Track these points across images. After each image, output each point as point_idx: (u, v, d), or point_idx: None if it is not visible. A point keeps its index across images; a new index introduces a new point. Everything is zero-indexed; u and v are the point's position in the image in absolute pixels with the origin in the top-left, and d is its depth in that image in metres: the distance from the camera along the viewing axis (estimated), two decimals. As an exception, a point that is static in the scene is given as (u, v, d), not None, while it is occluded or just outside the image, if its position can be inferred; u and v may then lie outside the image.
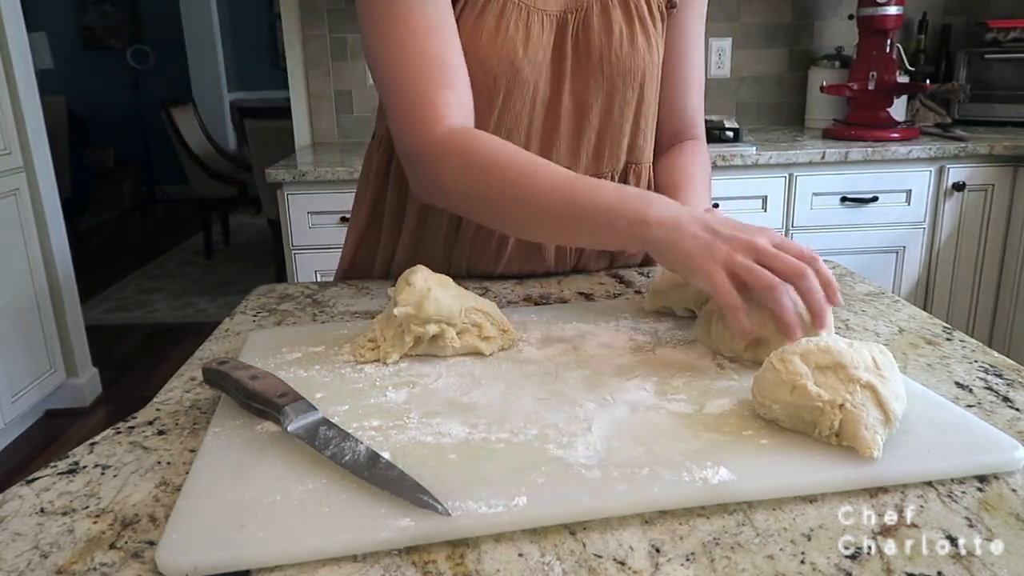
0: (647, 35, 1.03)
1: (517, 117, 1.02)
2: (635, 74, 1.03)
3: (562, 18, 1.00)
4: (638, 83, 1.04)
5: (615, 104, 1.04)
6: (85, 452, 0.65)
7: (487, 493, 0.54)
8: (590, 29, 1.00)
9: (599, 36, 1.00)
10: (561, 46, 1.01)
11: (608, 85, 1.02)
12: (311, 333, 0.87)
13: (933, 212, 2.41)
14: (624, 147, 1.08)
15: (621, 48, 1.01)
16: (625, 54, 1.01)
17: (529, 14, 0.98)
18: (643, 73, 1.04)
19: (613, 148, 1.07)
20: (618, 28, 1.01)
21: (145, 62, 7.00)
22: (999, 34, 2.69)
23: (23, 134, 2.78)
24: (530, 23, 0.98)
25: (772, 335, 0.72)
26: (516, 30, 0.97)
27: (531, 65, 0.99)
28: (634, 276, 1.10)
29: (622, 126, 1.06)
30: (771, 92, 2.94)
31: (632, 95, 1.04)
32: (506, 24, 0.97)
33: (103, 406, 3.11)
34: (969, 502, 0.54)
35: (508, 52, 0.97)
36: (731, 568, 0.48)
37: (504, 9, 0.97)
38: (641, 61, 1.03)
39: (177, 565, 0.49)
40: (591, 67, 1.01)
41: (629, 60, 1.02)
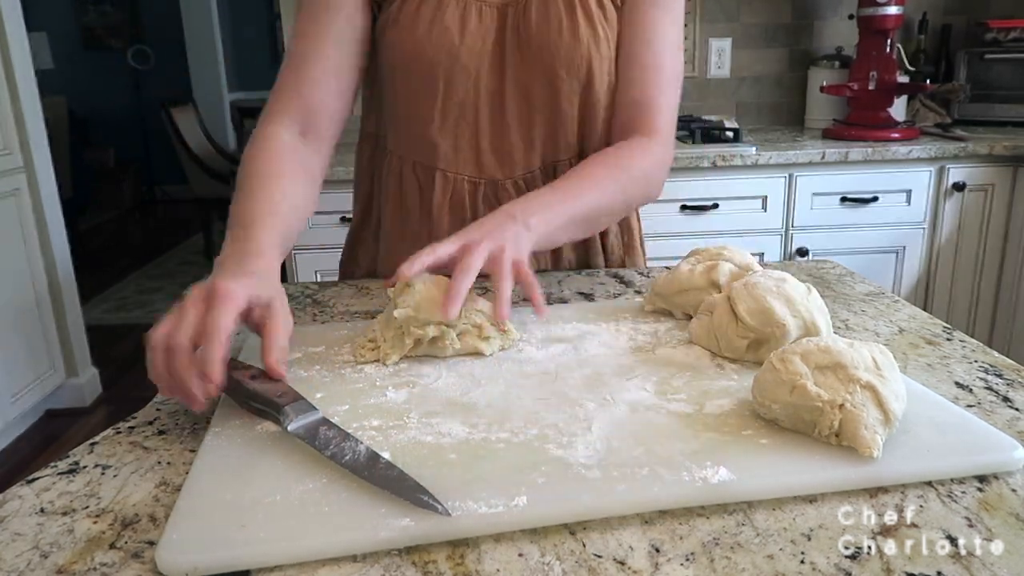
0: (591, 23, 1.02)
1: (461, 107, 1.03)
2: (578, 65, 1.02)
3: (502, 10, 1.02)
4: (583, 74, 1.03)
5: (561, 95, 1.03)
6: (85, 452, 0.65)
7: (487, 493, 0.54)
8: (529, 20, 1.01)
9: (538, 27, 1.00)
10: (502, 37, 1.02)
11: (551, 75, 1.02)
12: (311, 333, 0.87)
13: (933, 212, 2.41)
14: (576, 135, 1.07)
15: (561, 39, 1.00)
16: (567, 45, 1.00)
17: (467, 6, 1.00)
18: (588, 64, 1.02)
19: (567, 137, 1.07)
20: (557, 18, 1.00)
21: (145, 62, 7.00)
22: (999, 34, 2.69)
23: (23, 134, 2.78)
24: (467, 14, 1.00)
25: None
26: (453, 20, 1.00)
27: (469, 54, 1.00)
28: (634, 276, 1.10)
29: (572, 115, 1.05)
30: (771, 92, 2.94)
31: (578, 85, 1.03)
32: (441, 15, 0.99)
33: (103, 406, 3.11)
34: (969, 502, 0.54)
35: (446, 41, 0.99)
36: (731, 568, 0.48)
37: (441, 2, 1.00)
38: (585, 51, 1.01)
39: (177, 565, 0.49)
40: (532, 59, 1.02)
41: (572, 51, 1.01)
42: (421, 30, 0.99)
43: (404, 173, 1.09)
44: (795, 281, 0.77)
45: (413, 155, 1.08)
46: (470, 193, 1.07)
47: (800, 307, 0.74)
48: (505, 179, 1.07)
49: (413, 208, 1.10)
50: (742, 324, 0.75)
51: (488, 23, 1.01)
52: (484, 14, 1.01)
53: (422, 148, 1.06)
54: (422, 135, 1.05)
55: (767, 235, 2.38)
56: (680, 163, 2.25)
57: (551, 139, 1.07)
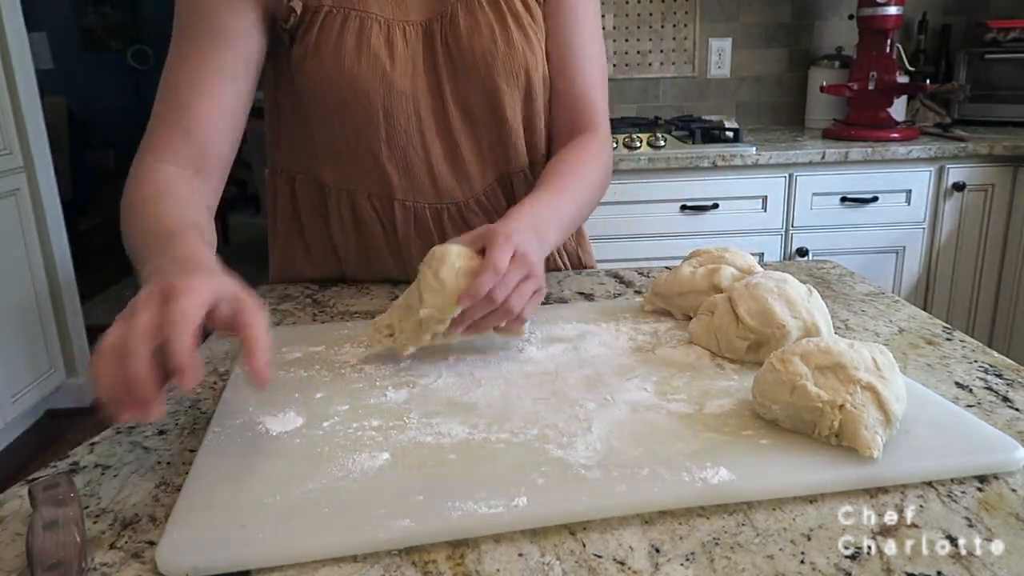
0: (523, 31, 0.98)
1: (407, 133, 0.98)
2: (516, 73, 0.99)
3: (427, 26, 0.97)
4: (522, 82, 1.00)
5: (503, 105, 1.00)
6: (85, 452, 0.65)
7: (487, 493, 0.54)
8: (458, 32, 0.96)
9: (468, 38, 0.96)
10: (432, 53, 0.97)
11: (491, 86, 0.98)
12: (311, 333, 0.87)
13: (933, 212, 2.41)
14: (523, 146, 1.04)
15: (496, 48, 0.97)
16: (502, 53, 0.97)
17: (391, 27, 0.95)
18: (526, 71, 0.99)
19: (517, 147, 1.03)
20: (488, 28, 0.96)
21: (145, 63, 6.99)
22: (999, 34, 2.69)
23: (23, 135, 2.78)
24: (392, 36, 0.95)
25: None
26: (379, 45, 0.94)
27: (403, 78, 0.95)
28: (634, 276, 1.10)
29: (516, 126, 1.02)
30: (771, 92, 2.94)
31: (519, 94, 1.00)
32: (367, 41, 0.94)
33: (103, 406, 3.11)
34: (969, 502, 0.54)
35: (377, 68, 0.94)
36: (731, 568, 0.48)
37: (363, 27, 0.94)
38: (521, 58, 0.98)
39: (177, 565, 0.49)
40: (468, 71, 0.97)
41: (507, 58, 0.97)
42: (348, 60, 0.93)
43: (358, 206, 1.03)
44: (796, 282, 0.77)
45: (366, 187, 1.02)
46: (434, 219, 1.04)
47: (801, 308, 0.74)
48: (467, 199, 1.04)
49: (375, 236, 1.05)
50: (743, 325, 0.75)
51: (414, 43, 0.96)
52: (408, 33, 0.96)
53: (374, 179, 1.01)
54: (372, 167, 1.00)
55: (767, 235, 2.38)
56: (680, 163, 2.25)
57: (501, 151, 1.03)
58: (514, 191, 1.06)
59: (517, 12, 0.98)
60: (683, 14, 2.82)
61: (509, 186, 1.06)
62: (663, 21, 2.81)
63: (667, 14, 2.81)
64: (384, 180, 1.01)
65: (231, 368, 0.79)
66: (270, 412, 0.68)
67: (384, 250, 1.06)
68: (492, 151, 1.03)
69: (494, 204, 1.06)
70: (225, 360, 0.83)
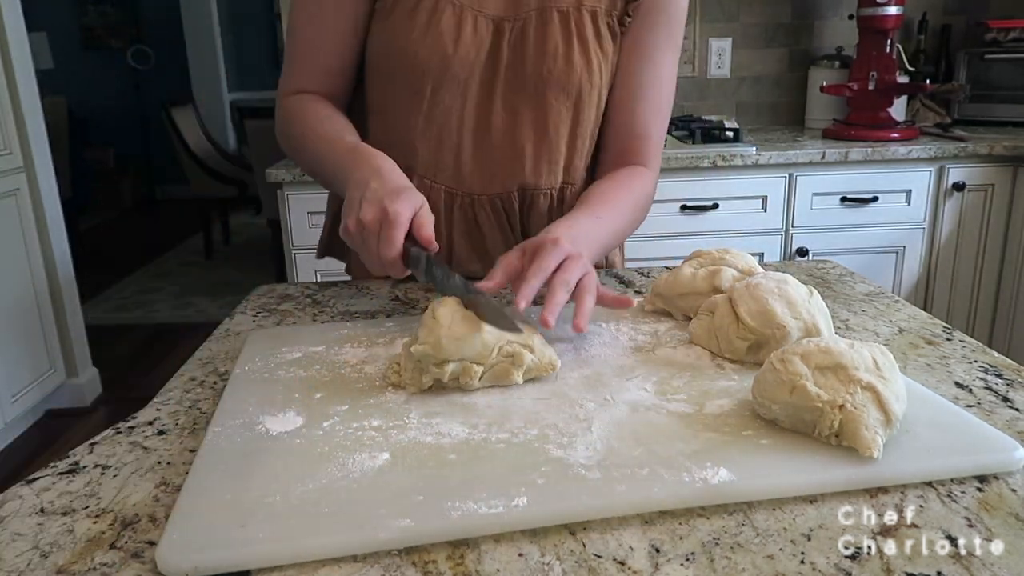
0: (586, 54, 1.00)
1: (446, 115, 1.01)
2: (568, 92, 1.00)
3: (499, 23, 0.99)
4: (572, 102, 1.01)
5: (549, 120, 1.02)
6: (85, 452, 0.65)
7: (487, 493, 0.54)
8: (526, 40, 0.99)
9: (533, 49, 0.99)
10: (497, 51, 1.00)
11: (540, 99, 1.00)
12: (311, 333, 0.87)
13: (933, 212, 2.41)
14: (561, 165, 1.05)
15: (555, 64, 0.99)
16: (559, 70, 0.99)
17: (463, 12, 0.98)
18: (578, 92, 1.01)
19: (551, 166, 1.04)
20: (553, 44, 0.99)
21: (145, 62, 7.00)
22: (999, 34, 2.69)
23: (23, 134, 2.78)
24: (462, 21, 0.98)
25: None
26: (448, 27, 0.97)
27: (462, 63, 0.98)
28: (634, 276, 1.10)
29: (557, 143, 1.03)
30: (771, 92, 2.94)
31: (567, 113, 1.02)
32: (437, 20, 0.97)
33: (103, 406, 3.11)
34: (969, 502, 0.54)
35: (439, 47, 0.97)
36: (731, 568, 0.48)
37: (437, 5, 0.97)
38: (576, 79, 1.00)
39: (177, 564, 0.49)
40: (524, 79, 1.00)
41: (564, 77, 0.99)
42: (416, 32, 0.97)
43: None
44: (796, 283, 0.77)
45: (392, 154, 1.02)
46: (446, 202, 1.06)
47: (801, 309, 0.74)
48: (482, 194, 1.05)
49: None
50: (743, 325, 0.75)
51: (483, 34, 0.99)
52: (480, 24, 0.98)
53: (401, 149, 1.03)
54: (403, 137, 1.04)
55: (767, 235, 2.38)
56: (680, 163, 2.26)
57: (535, 166, 1.04)
58: (532, 206, 1.06)
59: (585, 36, 1.00)
60: (683, 14, 2.82)
61: (529, 201, 1.06)
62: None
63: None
64: (411, 153, 1.03)
65: (231, 368, 0.79)
66: (270, 412, 0.68)
67: None
68: (531, 162, 1.04)
69: (507, 208, 1.06)
70: (225, 360, 0.83)
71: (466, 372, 0.70)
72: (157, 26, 6.96)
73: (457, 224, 1.07)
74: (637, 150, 1.07)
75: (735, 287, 0.79)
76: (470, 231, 1.08)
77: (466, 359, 0.70)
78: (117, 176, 6.87)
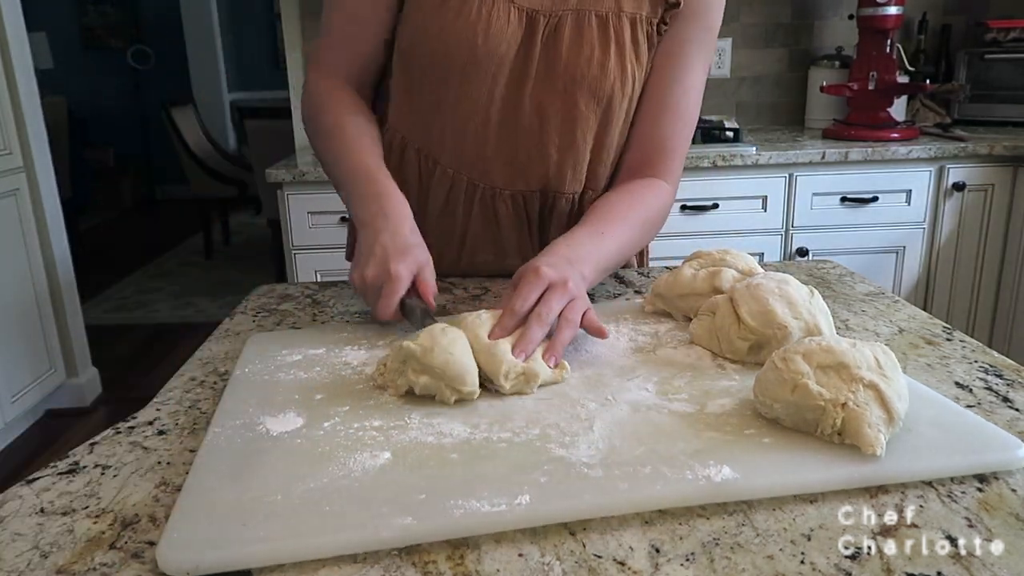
0: (622, 60, 0.98)
1: (473, 107, 1.00)
2: (600, 98, 0.98)
3: (532, 16, 0.97)
4: (601, 108, 0.99)
5: (576, 123, 1.00)
6: (85, 452, 0.65)
7: (489, 492, 0.54)
8: (560, 39, 0.97)
9: (568, 49, 0.97)
10: (529, 46, 0.98)
11: (569, 101, 0.99)
12: (311, 335, 0.87)
13: (933, 212, 2.41)
14: (584, 172, 1.04)
15: (589, 68, 0.97)
16: (593, 75, 0.97)
17: (495, 2, 0.96)
18: (609, 99, 0.99)
19: (576, 170, 1.03)
20: (589, 46, 0.97)
21: (145, 62, 7.00)
22: (999, 34, 2.69)
23: (23, 134, 2.78)
24: (494, 11, 0.96)
25: None
26: (479, 16, 0.96)
27: (490, 56, 0.97)
28: (634, 276, 1.10)
29: (583, 150, 1.02)
30: (771, 92, 2.94)
31: (595, 119, 1.00)
32: (468, 9, 0.96)
33: (103, 406, 3.11)
34: (969, 502, 0.54)
35: (468, 36, 0.96)
36: (731, 568, 0.48)
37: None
38: (609, 85, 0.98)
39: (178, 564, 0.49)
40: (555, 77, 0.98)
41: (597, 82, 0.97)
42: (448, 18, 0.96)
43: (407, 154, 1.07)
44: (798, 283, 0.77)
45: (416, 140, 1.05)
46: (467, 193, 1.05)
47: (802, 310, 0.74)
48: (504, 189, 1.04)
49: (410, 189, 1.06)
50: (744, 326, 0.75)
51: (515, 26, 0.96)
52: (512, 16, 0.96)
53: (426, 137, 1.04)
54: (428, 125, 1.03)
55: (767, 235, 2.38)
56: (680, 163, 2.25)
57: (559, 169, 1.03)
58: (553, 207, 1.06)
59: (623, 42, 0.98)
60: (683, 14, 2.82)
61: (551, 203, 1.06)
62: (663, 21, 2.81)
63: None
64: (436, 142, 1.03)
65: (231, 368, 0.79)
66: (270, 413, 0.68)
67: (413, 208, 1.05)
68: (555, 165, 1.03)
69: (528, 207, 1.06)
70: (225, 360, 0.83)
71: (440, 393, 0.68)
72: (157, 26, 6.96)
73: (476, 214, 1.06)
74: (657, 163, 1.04)
75: (736, 287, 0.79)
76: (488, 222, 1.07)
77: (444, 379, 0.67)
78: (117, 176, 6.87)
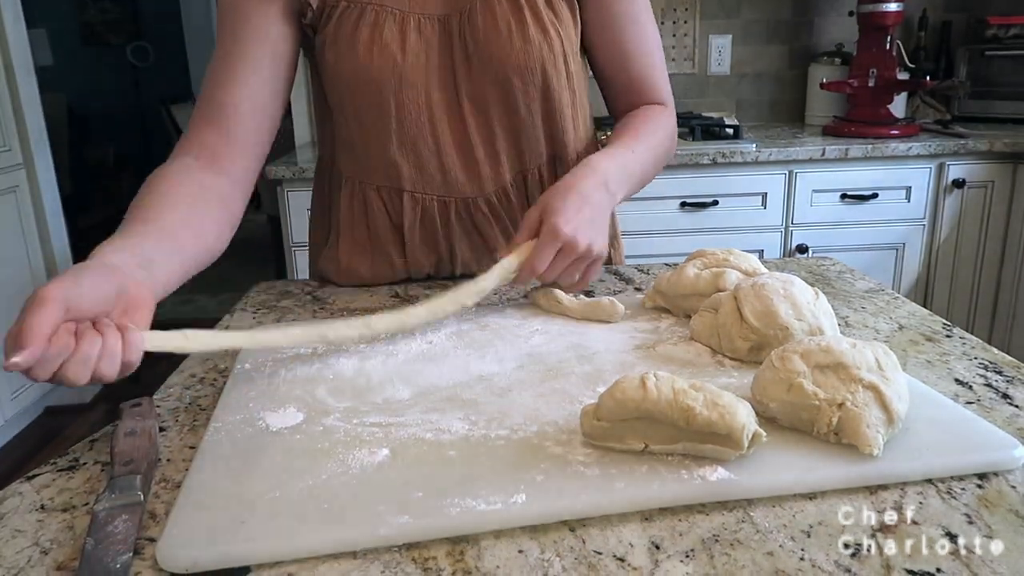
0: (541, 24, 0.97)
1: (417, 125, 0.98)
2: (532, 69, 0.98)
3: (444, 20, 0.97)
4: (539, 77, 0.99)
5: (518, 103, 0.99)
6: (85, 449, 0.65)
7: (487, 490, 0.54)
8: (475, 28, 0.96)
9: (485, 34, 0.96)
10: (449, 49, 0.97)
11: (505, 84, 0.98)
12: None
13: (933, 209, 2.41)
14: (543, 141, 1.04)
15: (512, 44, 0.96)
16: (517, 50, 0.96)
17: (404, 19, 0.95)
18: (542, 67, 0.98)
19: (532, 144, 1.03)
20: (505, 23, 0.96)
21: (145, 59, 6.98)
22: (999, 31, 2.68)
23: (23, 131, 2.77)
24: (406, 28, 0.95)
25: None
26: (392, 37, 0.95)
27: (415, 70, 0.96)
28: (634, 273, 1.10)
29: (533, 123, 1.02)
30: (771, 89, 2.94)
31: (535, 91, 1.00)
32: (380, 32, 0.94)
33: (103, 403, 3.11)
34: (969, 499, 0.54)
35: (387, 59, 0.95)
36: (731, 565, 0.48)
37: (377, 19, 0.95)
38: (537, 54, 0.97)
39: (177, 560, 0.49)
40: (483, 67, 0.97)
41: (522, 55, 0.97)
42: (361, 50, 0.94)
43: (368, 198, 1.04)
44: (803, 285, 0.77)
45: (376, 180, 1.03)
46: (440, 212, 1.04)
47: (806, 311, 0.74)
48: (476, 196, 1.03)
49: (383, 230, 1.05)
50: (746, 325, 0.74)
51: (429, 35, 0.96)
52: (424, 26, 0.96)
53: (384, 171, 1.02)
54: (382, 158, 1.01)
55: (767, 232, 2.38)
56: (680, 160, 2.25)
57: (515, 150, 1.03)
58: (528, 194, 1.06)
59: (536, 6, 0.98)
60: (683, 11, 2.82)
61: (523, 185, 1.06)
62: (663, 18, 2.81)
63: (667, 11, 2.81)
64: (394, 173, 1.01)
65: (231, 365, 0.79)
66: (270, 408, 0.68)
67: (389, 242, 1.06)
68: (507, 150, 1.03)
69: (503, 203, 1.05)
70: (225, 357, 0.83)
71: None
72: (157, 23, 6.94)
73: (456, 230, 1.05)
74: (645, 97, 1.08)
75: (741, 286, 0.78)
76: (469, 234, 1.06)
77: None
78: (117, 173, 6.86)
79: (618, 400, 0.58)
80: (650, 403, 0.56)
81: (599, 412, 0.59)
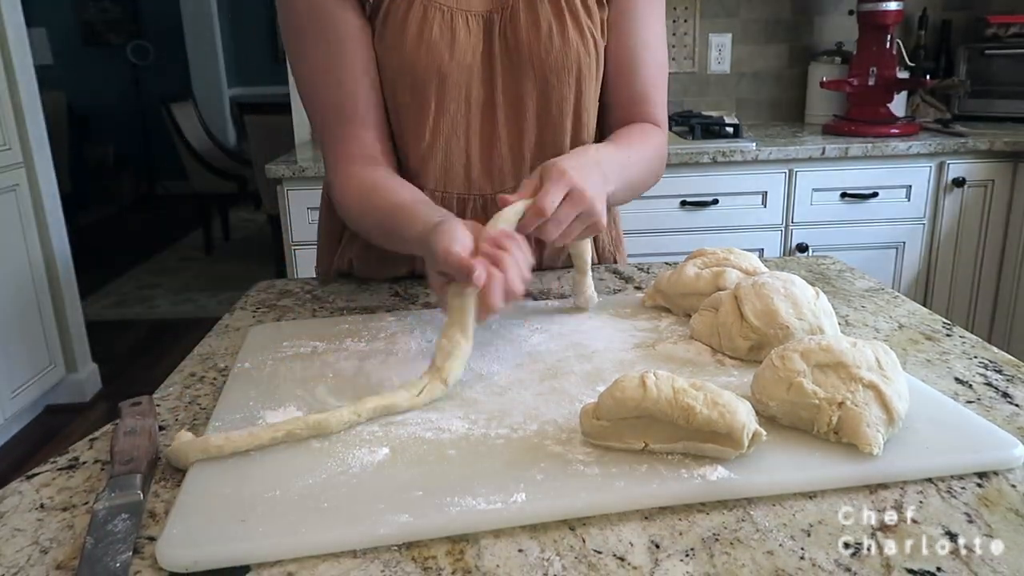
0: (579, 27, 0.99)
1: (453, 121, 1.00)
2: (569, 69, 0.99)
3: (488, 17, 0.98)
4: (574, 78, 1.00)
5: (552, 101, 1.01)
6: (85, 448, 0.65)
7: (486, 489, 0.54)
8: (517, 26, 0.97)
9: (527, 33, 0.97)
10: (490, 46, 0.98)
11: (542, 83, 0.99)
12: (311, 328, 0.87)
13: (933, 208, 2.41)
14: (567, 144, 1.04)
15: (552, 44, 0.97)
16: (556, 50, 0.98)
17: (453, 16, 0.96)
18: (578, 67, 1.00)
19: (557, 146, 1.04)
20: (546, 23, 0.97)
21: (145, 58, 6.98)
22: (999, 30, 2.68)
23: (23, 130, 2.77)
24: (454, 25, 0.96)
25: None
26: (440, 35, 0.96)
27: (459, 69, 0.97)
28: (634, 272, 1.10)
29: (562, 122, 1.03)
30: (771, 88, 2.93)
31: (569, 91, 1.01)
32: (429, 29, 0.95)
33: (103, 402, 3.11)
34: (968, 498, 0.54)
35: (434, 58, 0.95)
36: (731, 564, 0.48)
37: (426, 14, 0.95)
38: (575, 55, 0.99)
39: (177, 559, 0.49)
40: (522, 65, 0.99)
41: (561, 56, 0.98)
42: (409, 46, 0.95)
43: None
44: (804, 284, 0.77)
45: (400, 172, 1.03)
46: (458, 209, 1.04)
47: (806, 311, 0.74)
48: (495, 193, 1.03)
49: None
50: (747, 324, 0.74)
51: (476, 33, 0.97)
52: (471, 24, 0.97)
53: (410, 167, 1.03)
54: (409, 155, 1.02)
55: (767, 231, 2.38)
56: (680, 159, 2.25)
57: (540, 149, 1.03)
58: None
59: (576, 9, 0.99)
60: (683, 9, 2.82)
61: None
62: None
63: (667, 9, 2.80)
64: (420, 169, 1.02)
65: (231, 364, 0.79)
66: (270, 407, 0.68)
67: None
68: (532, 150, 1.03)
69: None
70: (225, 356, 0.83)
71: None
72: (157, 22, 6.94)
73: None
74: (643, 114, 1.08)
75: (742, 285, 0.78)
76: None
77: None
78: (117, 172, 6.86)
79: (618, 399, 0.58)
80: (650, 402, 0.57)
81: (599, 411, 0.59)
